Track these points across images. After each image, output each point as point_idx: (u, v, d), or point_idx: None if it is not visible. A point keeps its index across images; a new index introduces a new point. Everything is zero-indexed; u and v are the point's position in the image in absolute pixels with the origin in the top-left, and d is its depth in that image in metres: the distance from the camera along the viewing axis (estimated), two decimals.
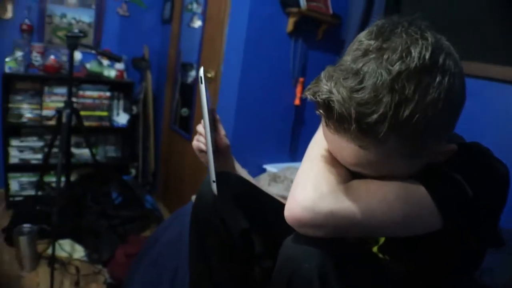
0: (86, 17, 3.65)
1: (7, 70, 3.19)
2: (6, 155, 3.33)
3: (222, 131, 1.18)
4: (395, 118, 0.67)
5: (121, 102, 3.71)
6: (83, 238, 2.85)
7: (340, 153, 0.82)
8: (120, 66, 3.64)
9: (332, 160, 0.87)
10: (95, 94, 3.55)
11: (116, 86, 3.65)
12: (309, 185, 0.83)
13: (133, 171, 3.80)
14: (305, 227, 0.82)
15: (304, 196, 0.82)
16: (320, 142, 0.93)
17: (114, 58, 2.80)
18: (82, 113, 3.42)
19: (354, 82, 0.69)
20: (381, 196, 0.79)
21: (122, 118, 3.67)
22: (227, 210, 1.06)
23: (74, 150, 3.48)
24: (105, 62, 3.58)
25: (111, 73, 3.55)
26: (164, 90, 3.73)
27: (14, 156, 3.37)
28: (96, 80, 3.55)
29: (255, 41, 2.51)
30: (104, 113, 3.61)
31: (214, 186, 0.98)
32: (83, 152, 3.52)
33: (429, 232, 0.80)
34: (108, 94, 3.60)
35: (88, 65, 3.52)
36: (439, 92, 0.68)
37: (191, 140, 3.12)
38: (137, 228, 3.09)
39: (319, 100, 0.72)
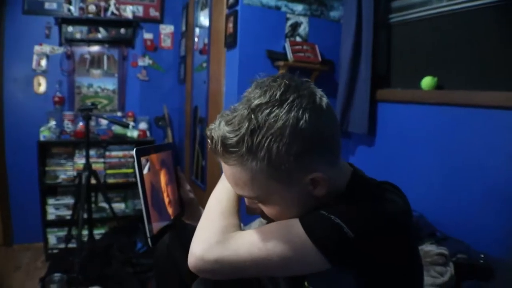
0: (110, 84, 3.84)
1: (42, 138, 3.37)
2: (44, 212, 3.46)
3: (187, 187, 1.29)
4: (251, 141, 0.78)
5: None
6: (109, 285, 2.87)
7: (226, 176, 0.91)
8: (143, 126, 3.77)
9: (224, 210, 0.98)
10: (120, 153, 3.67)
11: (139, 145, 3.66)
12: (201, 236, 0.93)
13: None
14: (200, 273, 0.91)
15: (196, 247, 0.90)
16: (216, 192, 1.05)
17: (122, 125, 2.95)
18: (109, 171, 3.58)
19: (230, 117, 0.81)
20: (262, 244, 0.84)
21: None
22: (177, 255, 1.23)
23: (104, 205, 3.58)
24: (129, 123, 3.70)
25: (134, 134, 3.66)
26: (184, 144, 3.79)
27: (51, 213, 3.52)
28: (121, 141, 3.68)
29: None
30: (130, 170, 3.70)
31: (149, 241, 1.06)
32: (115, 206, 3.58)
33: (322, 269, 0.82)
34: (132, 152, 3.67)
35: (113, 128, 3.66)
36: (285, 120, 0.77)
37: (205, 190, 3.15)
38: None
39: (208, 132, 0.85)
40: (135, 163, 1.02)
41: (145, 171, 1.04)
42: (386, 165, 2.33)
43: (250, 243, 0.86)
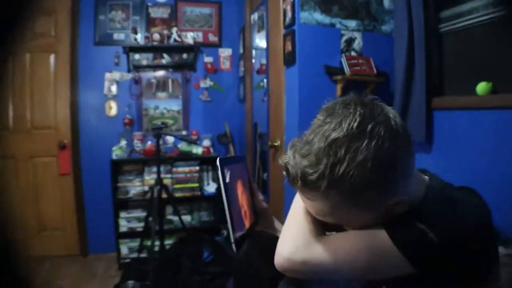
0: (175, 106, 4.15)
1: (114, 157, 3.69)
2: (116, 225, 3.77)
3: (260, 197, 1.31)
4: (332, 176, 0.78)
5: (210, 174, 4.07)
6: None
7: (306, 205, 0.94)
8: (206, 143, 4.01)
9: (308, 216, 0.98)
10: (186, 169, 3.95)
11: (204, 161, 4.03)
12: (288, 239, 0.96)
13: (225, 232, 4.01)
14: (287, 272, 0.95)
15: (283, 248, 0.95)
16: (299, 200, 1.04)
17: (190, 141, 3.18)
18: (176, 186, 3.82)
19: (305, 150, 0.82)
20: (348, 248, 0.88)
21: (211, 187, 4.00)
22: (256, 262, 1.25)
23: (172, 218, 3.83)
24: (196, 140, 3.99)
25: (199, 150, 3.93)
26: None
27: (123, 226, 3.82)
28: (187, 157, 3.95)
29: (307, 111, 2.56)
30: (195, 185, 3.96)
31: (233, 246, 1.10)
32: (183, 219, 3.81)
33: (404, 274, 0.84)
34: (197, 168, 3.98)
35: (179, 146, 3.93)
36: (366, 153, 0.76)
37: (268, 202, 3.29)
38: (227, 282, 3.24)
39: (282, 164, 0.87)
40: (219, 172, 1.05)
41: (227, 180, 1.10)
42: (445, 171, 2.33)
43: (336, 246, 0.89)
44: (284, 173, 0.87)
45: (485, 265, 0.85)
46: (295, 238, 0.94)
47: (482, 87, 2.11)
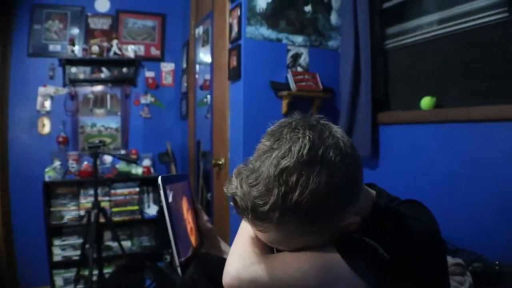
0: (113, 123, 3.97)
1: (47, 178, 3.45)
2: (50, 254, 3.50)
3: (204, 217, 1.28)
4: (284, 205, 0.74)
5: (151, 195, 3.91)
6: None
7: (256, 234, 0.91)
8: (146, 163, 3.86)
9: (257, 236, 0.95)
10: (125, 191, 3.76)
11: (144, 181, 3.86)
12: (236, 257, 0.93)
13: (168, 257, 3.85)
14: None
15: (231, 266, 0.92)
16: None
17: (130, 161, 3.04)
18: (115, 209, 3.64)
19: (252, 179, 0.78)
20: (296, 266, 0.85)
21: (152, 210, 3.85)
22: (205, 285, 1.18)
23: (111, 244, 3.62)
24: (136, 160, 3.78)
25: (139, 171, 3.77)
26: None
27: (57, 254, 3.56)
28: (126, 178, 3.77)
29: (252, 127, 2.55)
30: (135, 207, 3.78)
31: (179, 270, 1.06)
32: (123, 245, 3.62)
33: None
34: (137, 189, 3.80)
35: (118, 166, 3.75)
36: (319, 180, 0.74)
37: (212, 223, 3.19)
38: None
39: (229, 194, 0.82)
40: (161, 191, 1.02)
41: (170, 199, 1.05)
42: (391, 185, 2.37)
43: (286, 264, 0.86)
44: (232, 204, 0.83)
45: (435, 276, 0.86)
46: (243, 257, 0.92)
47: (426, 102, 2.18)
